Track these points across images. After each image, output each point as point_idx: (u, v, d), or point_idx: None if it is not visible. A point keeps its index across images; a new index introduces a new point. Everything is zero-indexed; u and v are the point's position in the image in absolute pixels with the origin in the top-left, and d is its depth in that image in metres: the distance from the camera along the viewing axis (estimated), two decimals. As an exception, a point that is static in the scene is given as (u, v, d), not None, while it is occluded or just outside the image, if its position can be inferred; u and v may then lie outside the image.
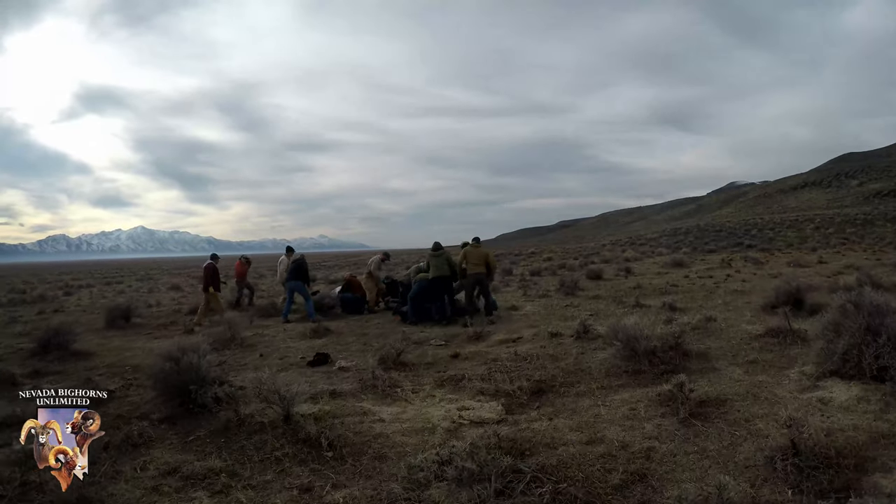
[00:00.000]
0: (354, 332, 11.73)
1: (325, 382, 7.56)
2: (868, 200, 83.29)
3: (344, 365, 8.47)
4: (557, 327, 10.26)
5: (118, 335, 13.65)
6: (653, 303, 13.34)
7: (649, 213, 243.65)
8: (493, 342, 9.72)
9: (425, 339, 10.42)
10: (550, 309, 13.64)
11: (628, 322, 7.57)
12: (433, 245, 13.40)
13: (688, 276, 21.06)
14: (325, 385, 7.35)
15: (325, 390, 6.98)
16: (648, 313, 11.91)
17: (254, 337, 11.95)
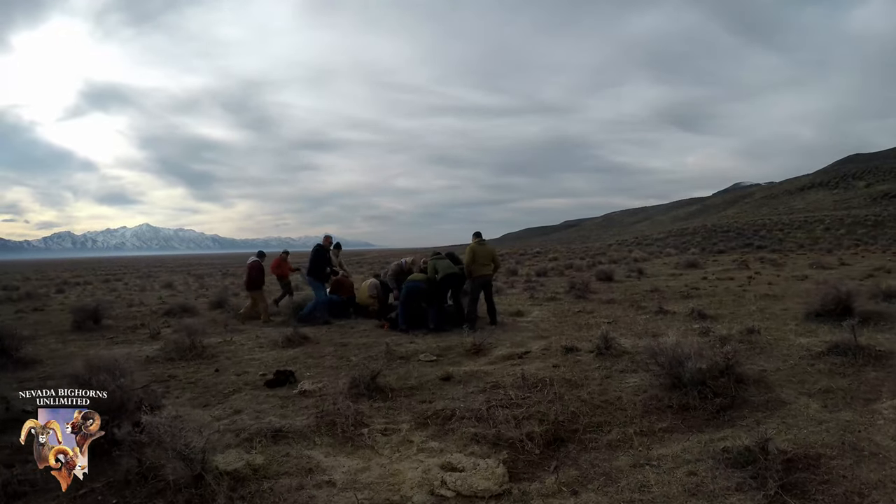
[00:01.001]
0: (334, 342, 9.90)
1: (276, 414, 5.77)
2: (876, 202, 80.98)
3: (307, 388, 6.65)
4: (572, 339, 8.47)
5: (80, 339, 11.96)
6: (677, 309, 11.48)
7: (654, 213, 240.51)
8: (494, 358, 7.88)
9: (413, 352, 8.59)
10: (561, 315, 11.79)
11: (668, 340, 5.70)
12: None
13: (706, 278, 19.20)
14: (273, 418, 5.59)
15: (270, 428, 5.15)
16: (675, 321, 10.08)
17: (220, 345, 10.19)
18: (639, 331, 9.31)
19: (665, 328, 9.42)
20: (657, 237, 63.63)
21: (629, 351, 7.44)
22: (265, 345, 10.05)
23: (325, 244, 13.49)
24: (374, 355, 8.44)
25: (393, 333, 10.54)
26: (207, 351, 9.36)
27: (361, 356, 8.48)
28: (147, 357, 9.20)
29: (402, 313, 10.92)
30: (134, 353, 9.74)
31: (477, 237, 11.37)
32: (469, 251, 11.12)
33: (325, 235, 13.94)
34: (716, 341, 7.62)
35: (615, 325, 9.97)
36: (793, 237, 49.57)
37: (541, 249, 61.25)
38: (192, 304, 16.14)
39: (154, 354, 9.32)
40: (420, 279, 11.10)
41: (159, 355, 9.18)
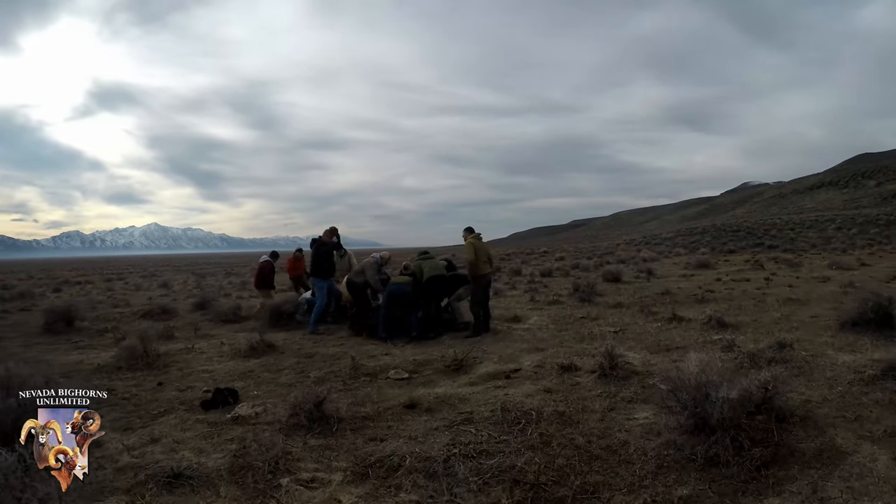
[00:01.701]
0: (301, 352, 8.57)
1: (193, 446, 4.62)
2: (887, 201, 78.56)
3: (241, 413, 5.39)
4: (572, 353, 7.11)
5: (46, 343, 10.85)
6: (692, 315, 10.02)
7: (663, 212, 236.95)
8: (477, 377, 6.49)
9: (384, 367, 7.21)
10: (562, 322, 10.35)
11: (689, 368, 4.29)
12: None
13: (720, 280, 17.62)
14: (187, 453, 4.48)
15: (173, 468, 3.89)
16: (691, 330, 8.67)
17: (179, 353, 8.95)
18: (650, 343, 7.91)
19: (680, 340, 8.01)
20: (666, 236, 61.73)
21: (639, 371, 6.04)
22: (227, 353, 8.80)
23: (325, 238, 11.85)
24: (337, 370, 7.13)
25: (370, 342, 9.18)
26: (161, 360, 8.24)
27: (324, 371, 7.17)
28: (98, 365, 8.12)
29: (383, 319, 9.54)
30: (88, 360, 8.71)
31: (471, 232, 9.94)
32: (469, 248, 9.63)
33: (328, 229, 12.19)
34: (744, 360, 6.22)
35: (622, 336, 8.57)
36: (804, 237, 47.61)
37: (548, 249, 59.62)
38: (173, 306, 14.89)
39: (106, 362, 8.23)
40: (404, 282, 9.73)
41: (111, 363, 8.12)
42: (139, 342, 8.35)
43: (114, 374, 7.62)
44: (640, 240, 62.29)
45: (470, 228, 10.01)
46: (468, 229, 10.01)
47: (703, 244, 45.42)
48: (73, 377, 7.53)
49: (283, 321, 11.57)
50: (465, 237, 9.91)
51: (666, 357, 6.84)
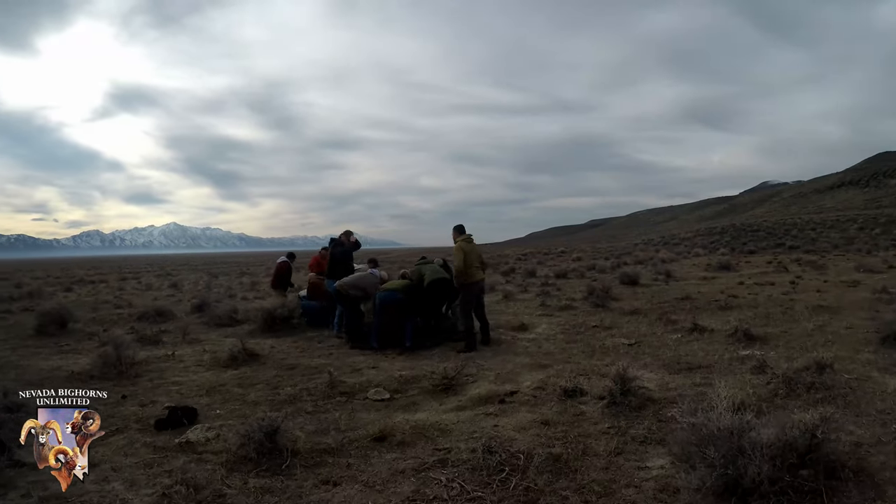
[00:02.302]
0: (283, 363, 7.76)
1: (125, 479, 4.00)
2: (910, 200, 75.99)
3: (192, 438, 4.69)
4: (578, 373, 6.23)
5: (34, 346, 10.18)
6: (715, 324, 9.03)
7: (680, 212, 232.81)
8: (466, 400, 5.58)
9: (365, 385, 6.33)
10: (573, 331, 9.41)
11: (722, 419, 3.36)
12: None
13: (743, 283, 16.45)
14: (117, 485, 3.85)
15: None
16: (714, 343, 7.72)
17: (157, 361, 8.26)
18: (668, 359, 6.96)
19: (703, 355, 7.05)
20: (685, 236, 60.11)
21: (655, 397, 5.10)
22: (206, 363, 8.05)
23: (343, 239, 11.08)
24: (313, 387, 6.29)
25: (361, 353, 8.34)
26: (135, 369, 7.52)
27: (298, 388, 6.32)
28: (72, 373, 7.49)
29: (375, 329, 8.71)
30: (66, 366, 8.08)
31: (461, 233, 8.87)
32: (459, 252, 8.56)
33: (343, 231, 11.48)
34: (779, 385, 5.27)
35: (638, 349, 7.64)
36: (826, 237, 45.73)
37: (565, 249, 58.38)
38: (170, 309, 14.15)
39: (82, 369, 7.57)
40: (397, 287, 8.86)
41: (86, 371, 7.44)
42: (113, 349, 7.66)
43: (86, 382, 6.89)
44: (659, 240, 60.81)
45: (460, 228, 8.93)
46: (458, 228, 8.93)
47: (722, 244, 43.97)
48: (46, 384, 6.90)
49: (277, 326, 10.80)
50: (455, 238, 8.86)
51: (687, 379, 5.91)
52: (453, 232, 8.95)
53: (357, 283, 9.13)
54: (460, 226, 8.96)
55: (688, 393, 5.28)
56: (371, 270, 9.70)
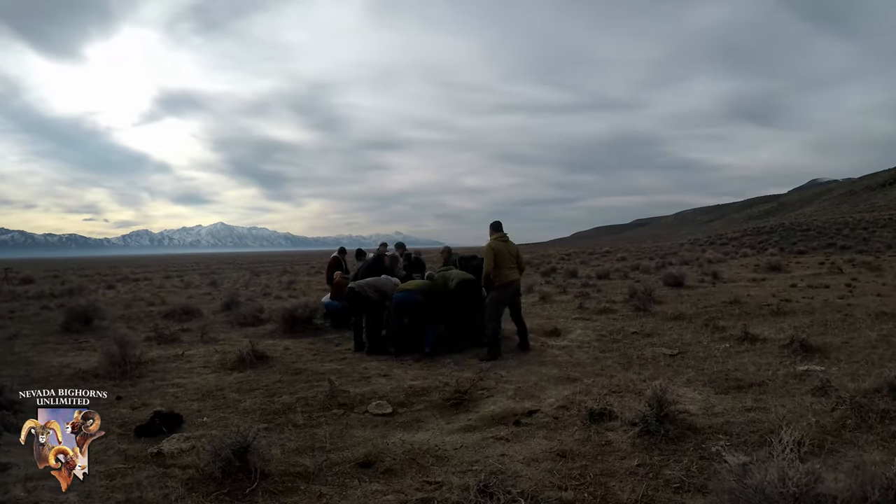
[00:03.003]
0: (291, 367, 7.14)
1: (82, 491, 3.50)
2: (967, 199, 71.01)
3: (165, 449, 4.24)
4: (610, 389, 5.43)
5: (55, 342, 10.02)
6: (768, 333, 8.02)
7: (728, 211, 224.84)
8: (478, 419, 4.81)
9: (369, 395, 5.63)
10: (609, 338, 8.51)
11: (782, 469, 2.53)
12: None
13: (795, 286, 15.12)
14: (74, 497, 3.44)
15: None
16: (767, 356, 6.77)
17: (165, 361, 7.90)
18: (715, 374, 6.02)
19: (755, 370, 6.10)
20: (732, 236, 57.58)
21: (698, 426, 4.20)
22: (214, 364, 7.57)
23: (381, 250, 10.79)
24: (312, 396, 5.66)
25: (375, 359, 7.65)
26: (140, 368, 7.18)
27: (296, 396, 5.69)
28: (78, 370, 7.22)
29: (392, 333, 8.02)
30: (75, 363, 7.80)
31: (496, 230, 8.08)
32: (489, 254, 7.77)
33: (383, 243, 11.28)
34: (846, 412, 4.32)
35: (681, 361, 6.71)
36: (879, 236, 42.81)
37: (610, 249, 56.74)
38: (196, 307, 13.83)
39: (89, 367, 7.30)
40: (415, 288, 8.11)
41: (93, 369, 7.17)
42: (117, 348, 7.28)
43: (88, 381, 6.64)
44: (705, 240, 58.48)
45: (496, 225, 8.13)
46: (494, 226, 8.12)
47: (770, 244, 41.82)
48: (50, 382, 6.60)
49: (298, 326, 10.27)
50: (490, 236, 8.08)
51: (736, 400, 4.98)
52: (489, 229, 8.17)
53: (375, 285, 8.41)
54: (496, 223, 8.14)
55: (737, 420, 4.39)
56: (390, 277, 8.95)
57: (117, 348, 7.30)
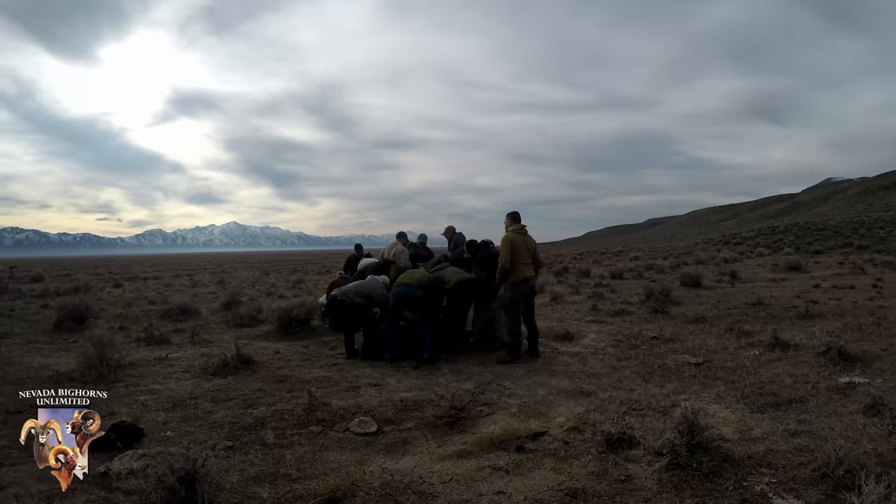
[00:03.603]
0: (276, 374, 6.45)
1: None
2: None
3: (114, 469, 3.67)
4: (630, 407, 4.70)
5: (44, 341, 9.57)
6: (799, 338, 7.24)
7: (741, 210, 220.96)
8: (473, 441, 4.09)
9: (354, 409, 4.93)
10: (626, 344, 7.75)
11: None
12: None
13: (818, 286, 14.24)
14: None
15: None
16: (802, 364, 6.03)
17: (146, 364, 7.31)
18: (748, 387, 5.25)
19: (791, 383, 5.33)
20: (746, 235, 56.18)
21: (735, 456, 3.43)
22: (196, 368, 6.97)
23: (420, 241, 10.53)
24: (290, 409, 4.98)
25: (369, 364, 6.95)
26: (119, 372, 6.66)
27: (274, 408, 5.01)
28: (57, 372, 6.76)
29: (387, 335, 7.24)
30: (55, 364, 7.33)
31: (515, 221, 7.31)
32: (505, 243, 7.01)
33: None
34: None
35: (708, 372, 5.93)
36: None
37: (622, 248, 55.65)
38: (194, 306, 13.24)
39: (68, 369, 6.85)
40: (414, 282, 7.34)
41: (72, 371, 6.70)
42: (95, 350, 6.74)
43: (63, 384, 5.93)
44: (719, 239, 57.22)
45: (514, 215, 7.36)
46: (512, 216, 7.35)
47: (786, 244, 40.68)
48: (25, 384, 6.16)
49: (294, 327, 9.62)
50: (507, 227, 7.33)
51: (777, 421, 4.22)
52: (506, 219, 7.39)
53: (360, 290, 7.63)
54: (514, 213, 7.37)
55: (781, 448, 3.64)
56: (375, 276, 8.12)
57: (94, 351, 6.76)
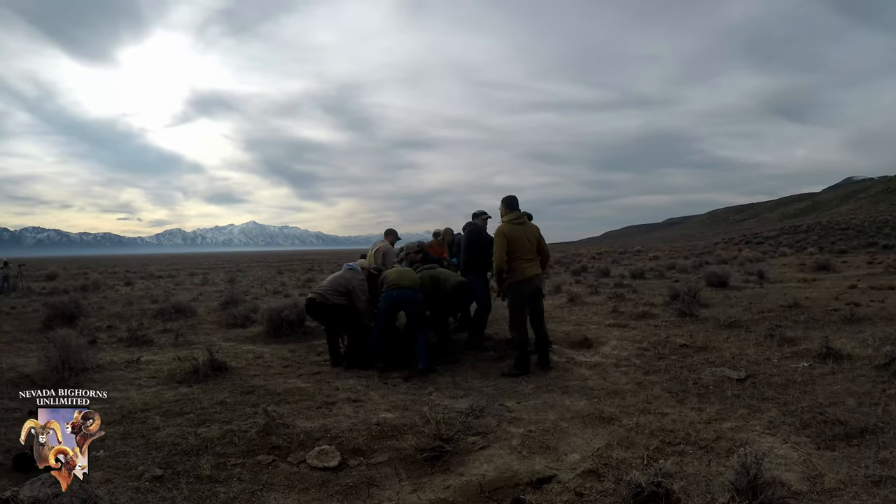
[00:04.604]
0: (245, 384, 5.54)
1: None
2: None
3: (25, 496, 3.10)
4: (662, 439, 3.68)
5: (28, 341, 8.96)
6: (851, 346, 6.08)
7: (762, 210, 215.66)
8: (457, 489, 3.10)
9: (319, 434, 3.99)
10: (652, 353, 6.66)
11: None
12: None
13: (855, 287, 12.99)
14: None
15: None
16: (862, 380, 4.98)
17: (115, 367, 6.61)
18: (805, 411, 4.18)
19: (855, 405, 4.26)
20: (768, 235, 54.34)
21: None
22: (164, 375, 6.17)
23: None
24: (245, 429, 4.08)
25: (355, 375, 5.99)
26: (81, 376, 6.03)
27: (227, 428, 4.12)
28: (21, 374, 6.17)
29: (377, 342, 6.29)
30: (22, 366, 6.67)
31: (511, 209, 6.12)
32: (499, 238, 5.87)
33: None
34: None
35: (753, 389, 4.84)
36: (922, 235, 39.85)
37: (641, 248, 54.13)
38: (190, 306, 12.46)
39: (33, 371, 6.26)
40: (412, 284, 6.39)
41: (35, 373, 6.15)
42: (57, 353, 6.16)
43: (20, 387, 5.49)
44: (740, 238, 55.47)
45: (509, 201, 6.18)
46: (506, 202, 6.19)
47: (809, 243, 39.14)
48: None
49: (284, 329, 8.75)
50: (502, 214, 6.20)
51: (852, 463, 3.18)
52: (501, 206, 6.24)
53: (336, 286, 6.64)
54: (509, 198, 6.17)
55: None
56: (348, 264, 7.10)
57: (56, 353, 6.15)
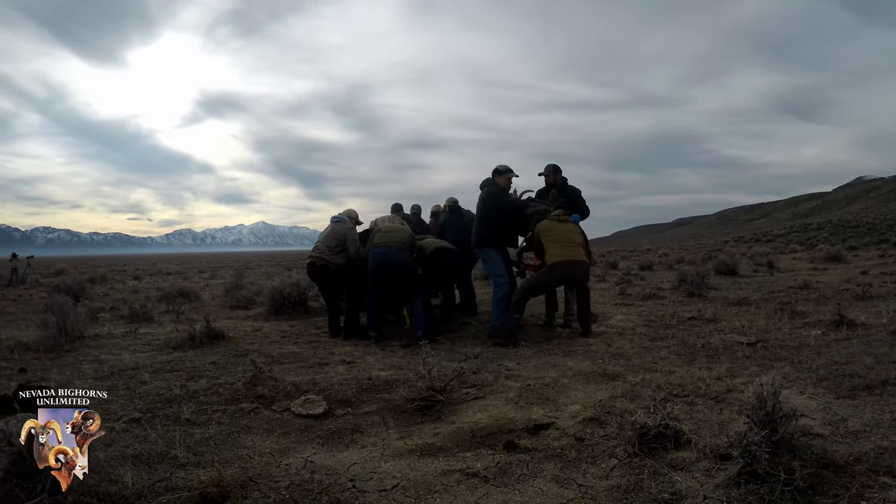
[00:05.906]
0: (240, 349, 5.37)
1: None
2: None
3: None
4: (669, 391, 3.41)
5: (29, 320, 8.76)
6: (864, 317, 5.78)
7: (772, 209, 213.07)
8: (448, 434, 2.87)
9: (307, 387, 3.80)
10: (659, 324, 6.39)
11: None
12: None
13: (866, 273, 12.59)
14: None
15: None
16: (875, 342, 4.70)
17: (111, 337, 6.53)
18: (820, 368, 3.90)
19: (873, 362, 3.95)
20: (778, 233, 53.65)
21: (837, 459, 2.18)
22: (159, 342, 6.06)
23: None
24: (231, 382, 3.94)
25: (351, 343, 5.77)
26: (77, 343, 6.04)
27: (214, 381, 4.02)
28: (18, 342, 6.11)
29: (370, 308, 6.03)
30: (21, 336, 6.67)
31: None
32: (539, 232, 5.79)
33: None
34: None
35: (765, 352, 4.58)
36: (933, 233, 39.16)
37: (651, 247, 53.61)
38: (193, 289, 12.36)
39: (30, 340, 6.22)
40: (397, 242, 5.99)
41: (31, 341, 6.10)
42: (54, 319, 6.23)
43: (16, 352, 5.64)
44: (750, 237, 54.78)
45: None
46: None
47: (820, 241, 38.45)
48: None
49: (286, 308, 8.56)
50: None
51: (875, 409, 2.89)
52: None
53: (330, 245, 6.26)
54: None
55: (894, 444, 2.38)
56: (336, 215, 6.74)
57: (53, 319, 6.18)
